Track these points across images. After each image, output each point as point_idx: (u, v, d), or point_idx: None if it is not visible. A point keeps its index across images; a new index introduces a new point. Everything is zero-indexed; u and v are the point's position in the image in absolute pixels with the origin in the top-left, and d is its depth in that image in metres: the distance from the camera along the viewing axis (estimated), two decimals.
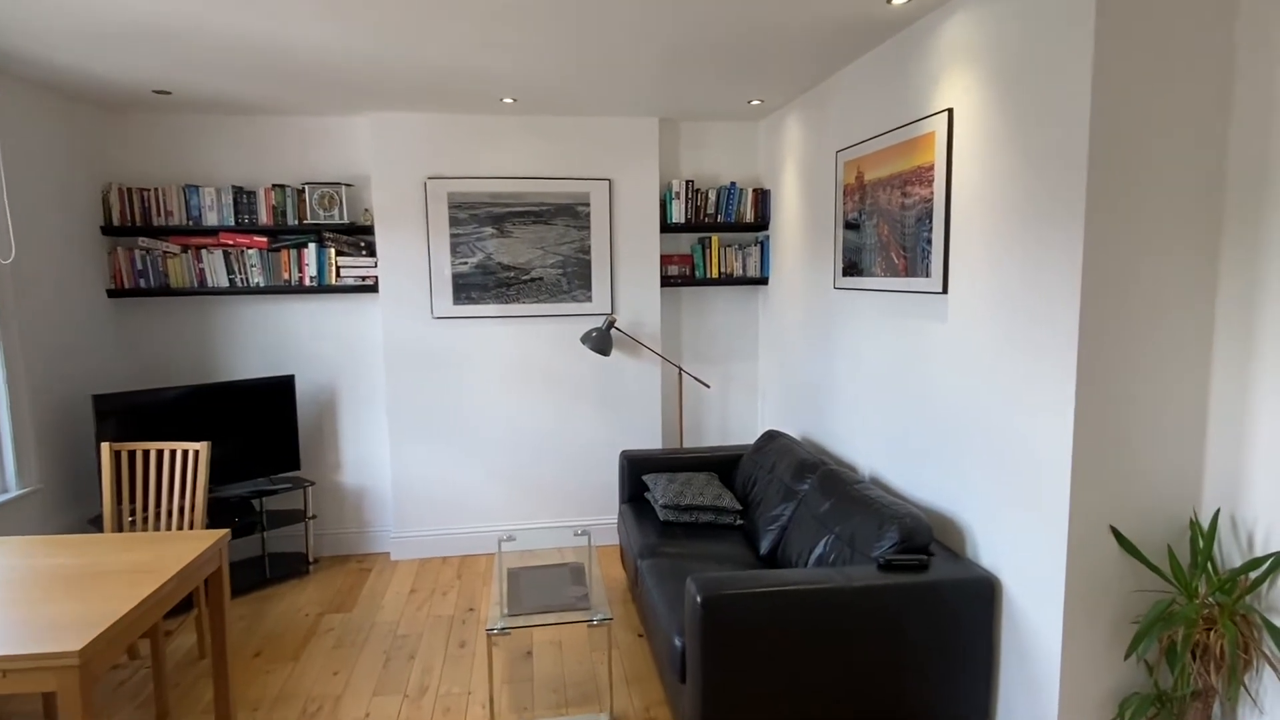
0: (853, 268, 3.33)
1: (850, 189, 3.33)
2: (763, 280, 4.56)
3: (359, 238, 4.24)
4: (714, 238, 4.51)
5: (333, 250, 4.14)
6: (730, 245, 4.54)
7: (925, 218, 2.74)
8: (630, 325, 4.47)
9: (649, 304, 4.48)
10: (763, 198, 4.48)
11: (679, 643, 2.47)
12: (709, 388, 4.79)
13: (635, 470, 3.91)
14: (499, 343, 4.38)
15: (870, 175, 3.14)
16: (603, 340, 4.16)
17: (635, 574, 3.26)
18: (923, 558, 2.45)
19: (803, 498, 3.16)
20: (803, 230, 3.95)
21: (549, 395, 4.45)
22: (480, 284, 4.29)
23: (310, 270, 4.13)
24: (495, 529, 4.49)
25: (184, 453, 3.25)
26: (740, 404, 4.84)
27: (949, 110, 2.57)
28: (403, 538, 4.40)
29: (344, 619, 3.66)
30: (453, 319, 4.31)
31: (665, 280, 4.51)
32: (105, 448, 3.07)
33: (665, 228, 4.45)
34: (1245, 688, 2.03)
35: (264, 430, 4.06)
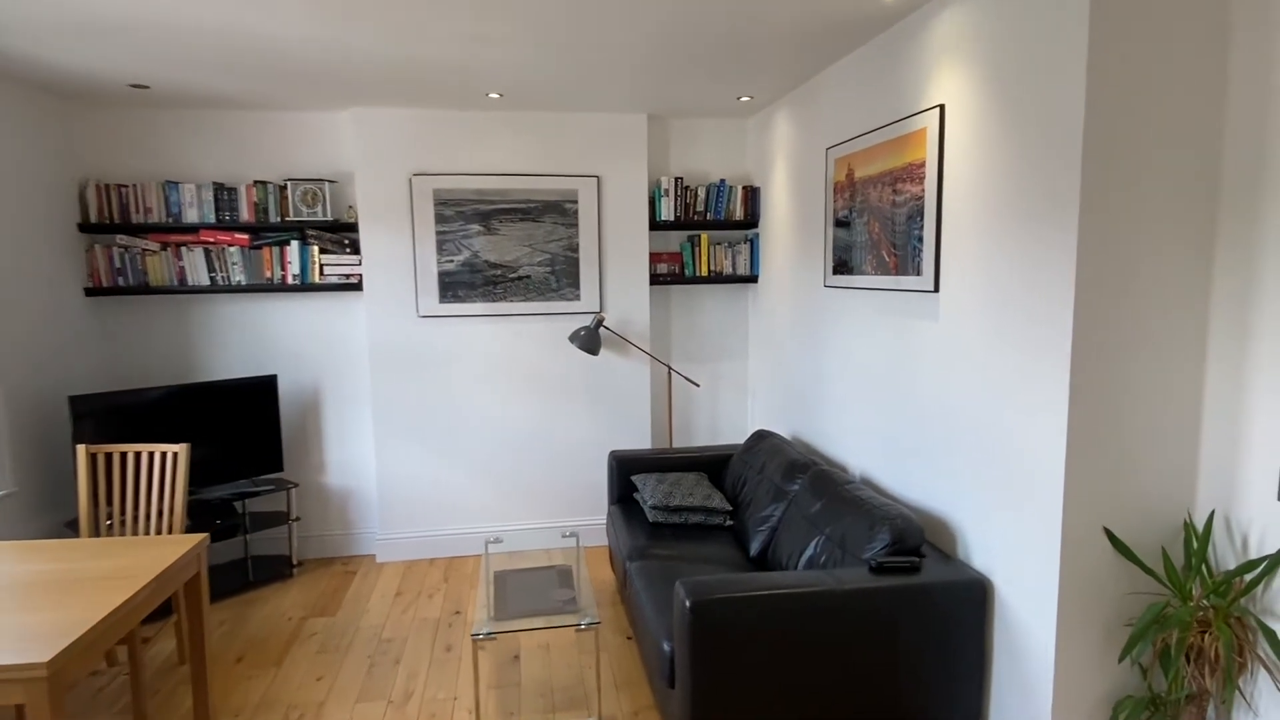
0: (843, 266, 3.30)
1: (840, 186, 3.30)
2: (752, 278, 4.52)
3: (343, 235, 4.18)
4: (703, 235, 4.47)
5: (316, 248, 4.07)
6: (720, 243, 4.50)
7: (916, 215, 2.71)
8: (619, 324, 4.43)
9: (638, 302, 4.43)
10: (752, 195, 4.44)
11: (668, 647, 2.43)
12: (698, 387, 4.75)
13: (624, 470, 3.87)
14: (486, 342, 4.32)
15: (861, 172, 3.10)
16: (591, 339, 4.12)
17: (624, 576, 3.22)
18: (914, 559, 2.42)
19: (793, 498, 3.13)
20: (793, 228, 3.92)
21: (537, 395, 4.40)
22: (467, 282, 4.23)
23: (293, 268, 4.06)
24: (482, 530, 4.44)
25: (163, 455, 3.19)
26: (730, 403, 4.81)
27: (940, 106, 2.54)
28: (388, 539, 4.34)
29: (328, 623, 3.60)
30: (439, 318, 4.25)
31: (654, 278, 4.47)
32: (81, 450, 3.00)
33: (654, 225, 4.41)
34: (1240, 691, 2.01)
35: (246, 431, 3.99)
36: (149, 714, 2.86)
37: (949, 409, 2.58)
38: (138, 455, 3.40)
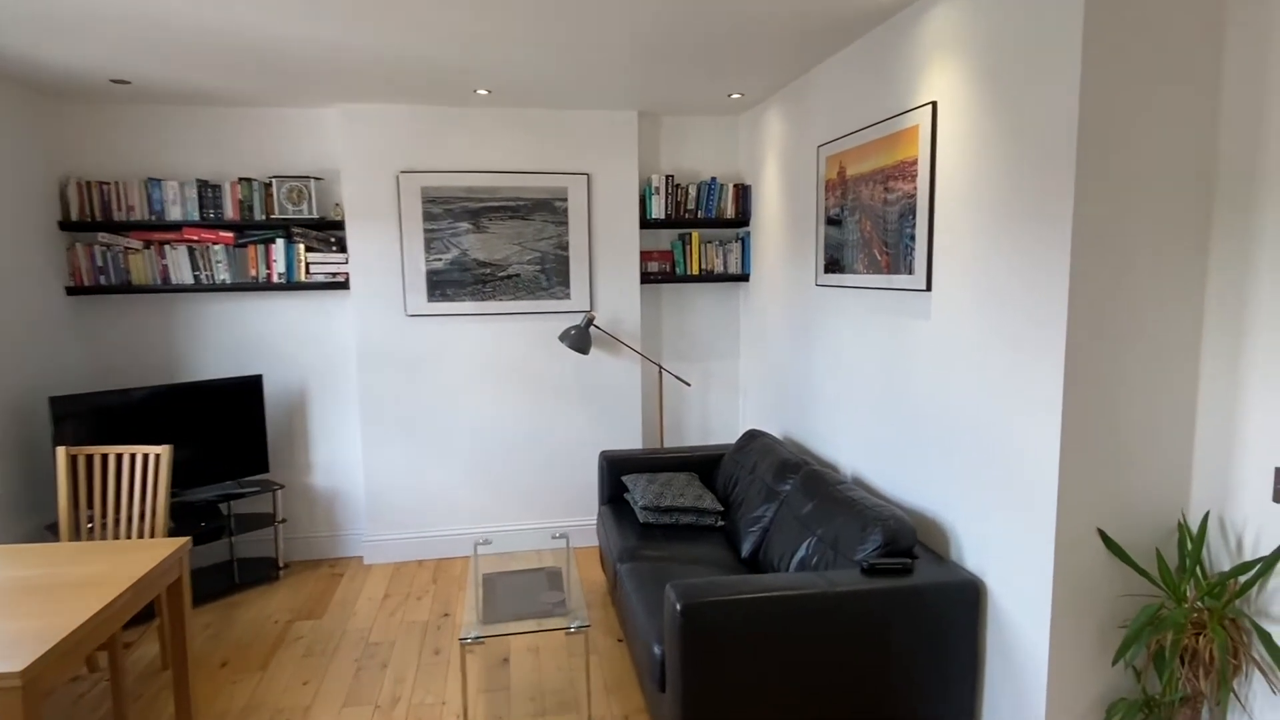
0: (835, 264, 3.27)
1: (832, 184, 3.27)
2: (744, 277, 4.49)
3: (329, 233, 4.12)
4: (694, 234, 4.44)
5: (302, 246, 4.02)
6: (711, 241, 4.47)
7: (908, 213, 2.68)
8: (609, 323, 4.39)
9: (628, 301, 4.40)
10: (743, 193, 4.41)
11: (658, 650, 2.40)
12: (689, 386, 4.72)
13: (615, 471, 3.84)
14: (475, 341, 4.28)
15: (852, 170, 3.08)
16: (581, 338, 4.08)
17: (615, 578, 3.18)
18: (907, 561, 2.40)
19: (785, 499, 3.11)
20: (784, 226, 3.89)
21: (527, 394, 4.36)
22: (456, 281, 4.18)
23: (278, 267, 4.00)
24: (472, 531, 4.40)
25: (145, 457, 3.13)
26: (721, 403, 4.78)
27: (933, 103, 2.51)
28: (376, 541, 4.29)
29: (314, 626, 3.55)
30: (427, 316, 4.20)
31: (645, 277, 4.43)
32: (61, 452, 2.95)
33: (645, 223, 4.37)
34: (1235, 693, 2.00)
35: (231, 432, 3.94)
36: (131, 719, 2.81)
37: (941, 408, 2.56)
38: (119, 457, 3.34)
